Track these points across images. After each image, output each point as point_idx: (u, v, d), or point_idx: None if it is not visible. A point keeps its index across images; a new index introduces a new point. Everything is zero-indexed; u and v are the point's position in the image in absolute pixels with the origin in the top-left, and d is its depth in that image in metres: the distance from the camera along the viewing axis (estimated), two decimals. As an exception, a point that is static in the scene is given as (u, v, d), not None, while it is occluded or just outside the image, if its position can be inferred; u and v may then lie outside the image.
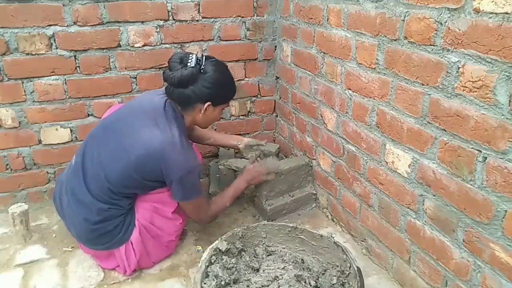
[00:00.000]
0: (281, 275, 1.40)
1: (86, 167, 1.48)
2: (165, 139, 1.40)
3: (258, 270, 1.44)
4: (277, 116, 2.35)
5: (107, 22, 1.84)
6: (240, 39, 2.11)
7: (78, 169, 1.49)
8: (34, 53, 1.78)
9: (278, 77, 2.23)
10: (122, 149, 1.42)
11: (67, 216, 1.53)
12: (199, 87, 1.44)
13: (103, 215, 1.44)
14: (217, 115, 1.59)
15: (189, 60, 1.42)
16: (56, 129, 1.92)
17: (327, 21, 1.65)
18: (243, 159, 2.08)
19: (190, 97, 1.46)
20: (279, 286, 1.34)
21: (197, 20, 1.99)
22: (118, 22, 1.86)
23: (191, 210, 1.57)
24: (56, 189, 1.59)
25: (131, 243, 1.49)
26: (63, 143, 1.96)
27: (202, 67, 1.44)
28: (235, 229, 1.51)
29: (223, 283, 1.31)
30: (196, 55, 1.44)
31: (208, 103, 1.48)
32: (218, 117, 1.62)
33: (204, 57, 1.46)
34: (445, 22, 1.09)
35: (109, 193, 1.43)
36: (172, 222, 1.56)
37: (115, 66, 1.92)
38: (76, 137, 1.97)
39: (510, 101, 0.95)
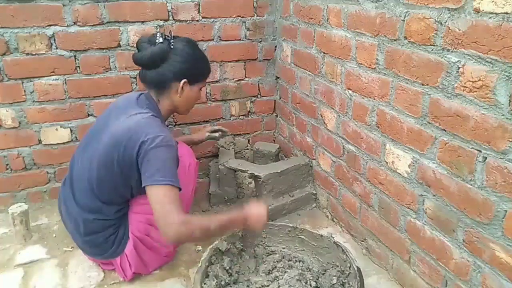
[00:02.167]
0: (281, 275, 1.40)
1: (73, 177, 1.45)
2: (130, 121, 1.33)
3: (258, 270, 1.44)
4: (277, 116, 2.35)
5: (107, 22, 1.84)
6: (240, 39, 2.11)
7: (68, 180, 1.49)
8: (34, 53, 1.78)
9: (278, 77, 2.23)
10: (96, 148, 1.37)
11: (67, 225, 1.52)
12: (172, 63, 1.40)
13: (89, 227, 1.41)
14: (196, 95, 1.52)
15: (157, 38, 1.39)
16: (56, 129, 1.92)
17: (327, 21, 1.65)
18: (243, 160, 2.09)
19: (164, 75, 1.41)
20: (279, 286, 1.34)
21: (197, 20, 1.99)
22: (118, 22, 1.86)
23: (158, 203, 1.22)
24: (59, 198, 1.56)
25: (126, 255, 1.46)
26: (63, 143, 1.96)
27: (172, 43, 1.40)
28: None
29: (223, 283, 1.32)
30: (163, 32, 1.43)
31: (184, 80, 1.43)
32: (197, 99, 1.54)
33: (172, 34, 1.43)
34: (445, 22, 1.09)
35: (93, 199, 1.39)
36: None
37: (115, 66, 1.92)
38: (76, 137, 1.97)
39: (510, 101, 0.95)
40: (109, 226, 1.42)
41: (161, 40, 1.39)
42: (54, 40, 1.79)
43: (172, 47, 1.40)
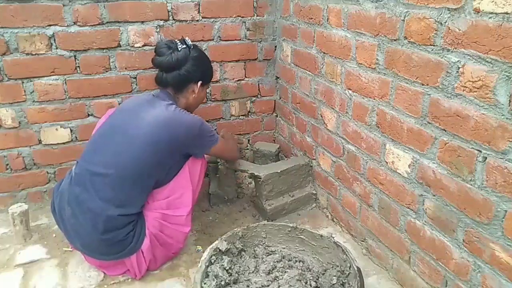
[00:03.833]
0: (281, 275, 1.40)
1: (93, 172, 1.44)
2: (168, 111, 1.49)
3: (258, 270, 1.44)
4: (277, 116, 2.35)
5: (107, 22, 1.84)
6: (240, 39, 2.11)
7: (83, 177, 1.46)
8: (34, 53, 1.78)
9: (278, 77, 2.23)
10: (129, 139, 1.44)
11: (70, 227, 1.48)
12: (190, 66, 1.58)
13: (112, 224, 1.40)
14: (204, 95, 1.78)
15: (178, 44, 1.57)
16: (56, 129, 1.92)
17: (327, 21, 1.65)
18: (243, 160, 2.08)
19: (185, 77, 1.58)
20: (279, 286, 1.34)
21: (197, 20, 1.99)
22: (118, 22, 1.86)
23: (225, 151, 1.75)
24: (55, 200, 1.53)
25: (142, 251, 1.47)
26: (63, 143, 1.96)
27: (191, 49, 1.59)
28: (235, 229, 1.51)
29: (223, 283, 1.32)
30: (182, 39, 1.60)
31: (200, 81, 1.62)
32: (204, 98, 1.80)
33: (187, 41, 1.61)
34: (445, 22, 1.09)
35: (126, 189, 1.42)
36: (181, 228, 1.53)
37: (115, 66, 1.92)
38: (76, 137, 1.97)
39: (510, 101, 0.95)
40: (129, 223, 1.44)
41: (184, 46, 1.57)
42: (54, 40, 1.79)
43: (190, 52, 1.58)
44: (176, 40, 1.59)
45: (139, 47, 1.92)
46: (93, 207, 1.41)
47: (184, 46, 1.57)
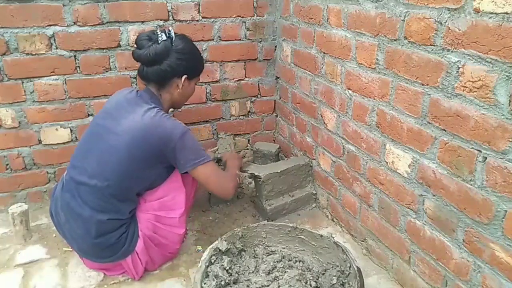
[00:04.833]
0: (281, 275, 1.40)
1: (79, 181, 1.42)
2: (146, 118, 1.40)
3: (258, 270, 1.44)
4: (277, 116, 2.35)
5: (107, 22, 1.84)
6: (240, 39, 2.11)
7: (71, 184, 1.45)
8: (34, 53, 1.78)
9: (278, 77, 2.24)
10: (109, 148, 1.40)
11: (66, 232, 1.49)
12: (173, 60, 1.46)
13: (102, 228, 1.40)
14: (193, 90, 1.62)
15: (159, 36, 1.44)
16: (56, 129, 1.92)
17: (327, 21, 1.65)
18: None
19: (166, 72, 1.47)
20: (279, 286, 1.34)
21: (197, 20, 1.99)
22: (118, 22, 1.86)
23: (212, 180, 1.51)
24: (52, 205, 1.54)
25: (137, 253, 1.46)
26: (63, 143, 1.96)
27: (173, 40, 1.47)
28: (235, 229, 1.51)
29: (223, 283, 1.32)
30: (164, 30, 1.48)
31: (185, 76, 1.50)
32: (192, 93, 1.64)
33: (171, 32, 1.49)
34: (445, 22, 1.09)
35: (110, 199, 1.40)
36: (175, 230, 1.51)
37: (115, 66, 1.92)
38: (76, 137, 1.97)
39: (510, 101, 0.95)
40: (121, 226, 1.43)
41: (164, 37, 1.45)
42: (54, 40, 1.79)
43: (173, 44, 1.46)
44: (158, 31, 1.46)
45: (139, 47, 1.92)
46: (83, 214, 1.41)
47: (164, 38, 1.44)
